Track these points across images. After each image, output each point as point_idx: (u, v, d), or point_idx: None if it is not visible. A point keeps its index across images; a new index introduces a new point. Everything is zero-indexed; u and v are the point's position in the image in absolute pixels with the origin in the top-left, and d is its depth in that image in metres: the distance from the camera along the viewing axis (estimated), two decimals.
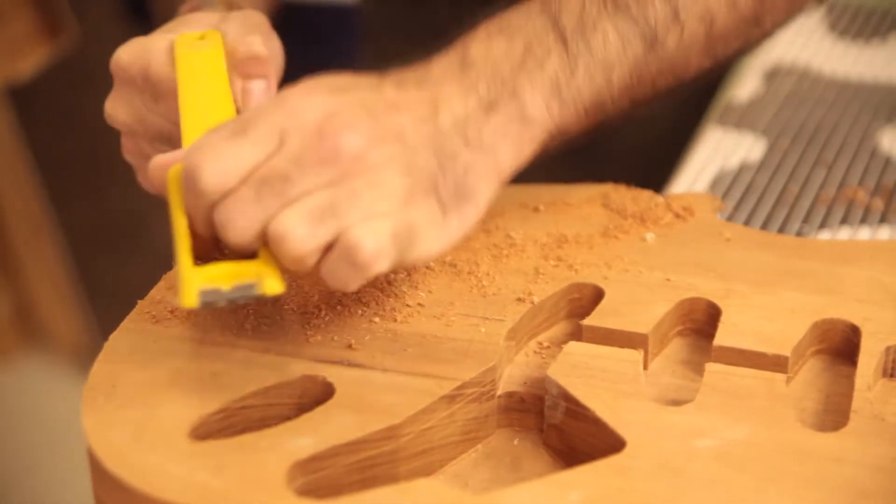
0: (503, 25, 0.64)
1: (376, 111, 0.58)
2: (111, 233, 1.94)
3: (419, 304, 0.62)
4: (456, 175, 0.59)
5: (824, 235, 0.76)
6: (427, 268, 0.65)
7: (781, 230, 0.77)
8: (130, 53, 0.68)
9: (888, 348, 0.60)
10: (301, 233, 0.55)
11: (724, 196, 0.81)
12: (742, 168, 0.85)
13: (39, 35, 1.73)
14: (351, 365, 0.58)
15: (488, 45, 0.63)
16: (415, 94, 0.60)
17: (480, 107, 0.61)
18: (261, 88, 0.68)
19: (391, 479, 0.54)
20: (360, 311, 0.61)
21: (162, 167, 0.60)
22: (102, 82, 0.70)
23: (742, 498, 0.51)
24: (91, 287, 1.88)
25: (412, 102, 0.60)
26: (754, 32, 0.72)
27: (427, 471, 0.56)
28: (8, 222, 1.77)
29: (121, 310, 0.62)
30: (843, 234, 0.77)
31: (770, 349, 0.59)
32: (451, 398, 0.56)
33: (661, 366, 0.62)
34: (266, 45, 0.68)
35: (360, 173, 0.56)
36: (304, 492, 0.52)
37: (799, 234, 0.77)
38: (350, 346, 0.59)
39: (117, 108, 0.69)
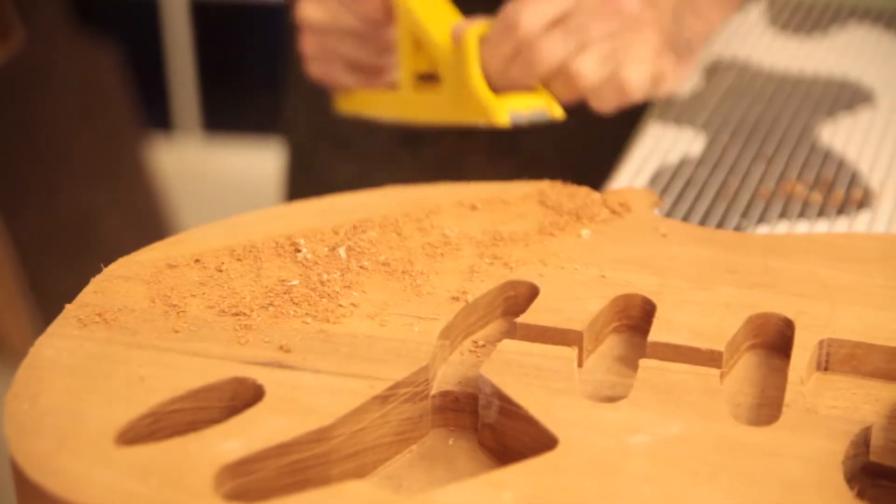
0: None
1: None
2: (61, 237, 1.93)
3: (352, 305, 0.62)
4: (685, 36, 0.85)
5: (763, 230, 0.76)
6: (361, 267, 0.64)
7: (720, 225, 0.77)
8: None
9: (822, 342, 0.60)
10: (593, 69, 0.79)
11: (664, 191, 0.81)
12: (682, 163, 0.84)
13: None
14: (282, 367, 0.57)
15: None
16: None
17: None
18: None
19: (323, 481, 0.54)
20: (292, 312, 0.61)
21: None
22: (50, 86, 0.69)
23: (676, 494, 0.51)
24: (41, 292, 1.86)
25: None
26: None
27: (360, 473, 0.55)
28: None
29: None
30: (782, 227, 0.77)
31: (704, 344, 0.59)
32: (383, 398, 0.56)
33: (596, 363, 0.61)
34: None
35: (632, 29, 0.81)
36: (233, 496, 0.51)
37: (738, 228, 0.77)
38: (282, 348, 0.58)
39: (313, 8, 0.86)
